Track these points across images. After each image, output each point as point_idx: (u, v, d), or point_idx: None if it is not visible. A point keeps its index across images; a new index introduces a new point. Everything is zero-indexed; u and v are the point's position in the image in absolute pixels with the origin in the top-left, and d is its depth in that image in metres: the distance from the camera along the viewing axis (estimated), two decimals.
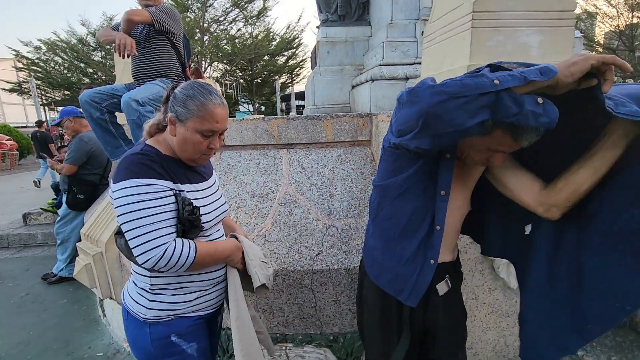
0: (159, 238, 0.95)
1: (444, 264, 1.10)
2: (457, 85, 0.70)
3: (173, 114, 1.02)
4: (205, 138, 1.03)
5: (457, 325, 1.14)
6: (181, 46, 2.55)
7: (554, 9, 1.60)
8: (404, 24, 4.19)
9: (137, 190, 0.94)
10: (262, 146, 2.31)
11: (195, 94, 1.01)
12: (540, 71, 0.70)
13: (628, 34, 16.06)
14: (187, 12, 16.42)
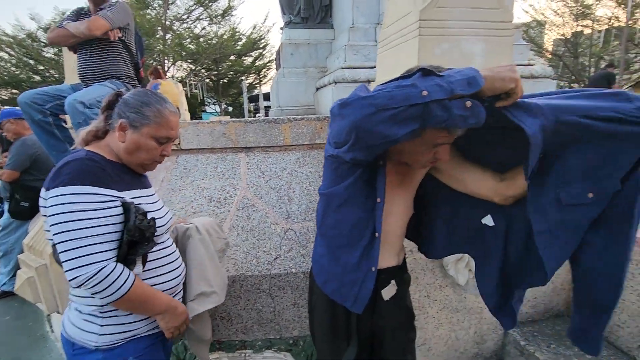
0: (96, 254, 0.87)
1: (389, 269, 1.12)
2: (385, 97, 0.71)
3: (125, 120, 0.99)
4: (159, 144, 1.03)
5: (403, 327, 1.17)
6: (133, 44, 2.44)
7: (494, 20, 1.70)
8: (365, 28, 4.27)
9: (77, 199, 0.87)
10: (220, 150, 2.27)
11: (151, 100, 1.01)
12: (468, 82, 0.73)
13: (573, 41, 17.36)
14: (147, 9, 15.76)
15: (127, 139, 1.00)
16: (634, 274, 1.66)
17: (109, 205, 0.91)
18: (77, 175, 0.88)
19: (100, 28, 2.10)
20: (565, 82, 18.92)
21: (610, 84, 6.20)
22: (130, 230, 0.91)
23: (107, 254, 0.89)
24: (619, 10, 15.85)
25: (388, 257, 1.12)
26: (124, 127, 1.00)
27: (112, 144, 1.02)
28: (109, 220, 0.90)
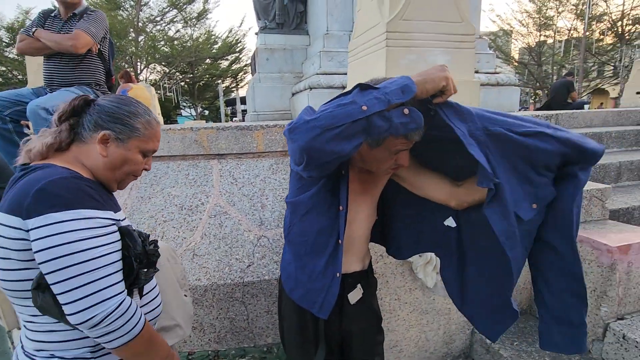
0: (113, 287, 0.75)
1: (355, 274, 1.16)
2: (328, 118, 0.75)
3: (109, 131, 0.87)
4: (144, 158, 0.95)
5: (371, 330, 1.21)
6: (107, 50, 2.38)
7: (457, 33, 1.78)
8: (339, 35, 4.35)
9: (81, 225, 0.73)
10: (192, 157, 2.24)
11: (139, 110, 0.92)
12: (402, 90, 0.77)
13: (537, 50, 18.31)
14: (118, 10, 15.31)
15: (110, 153, 0.88)
16: (587, 272, 1.78)
17: (111, 230, 0.80)
18: (76, 197, 0.75)
19: (86, 46, 2.09)
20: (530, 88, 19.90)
21: (570, 91, 6.57)
22: (140, 257, 0.82)
23: (121, 285, 0.78)
24: (577, 21, 16.89)
25: (354, 262, 1.16)
26: (106, 139, 0.87)
27: (83, 159, 0.88)
28: (116, 247, 0.80)
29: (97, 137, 0.87)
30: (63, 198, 0.73)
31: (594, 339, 1.75)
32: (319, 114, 0.77)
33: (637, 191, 2.69)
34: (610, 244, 1.67)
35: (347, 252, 1.10)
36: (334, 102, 0.79)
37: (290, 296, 1.15)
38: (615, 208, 2.29)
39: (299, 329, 1.17)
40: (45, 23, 2.20)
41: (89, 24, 2.10)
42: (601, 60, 17.50)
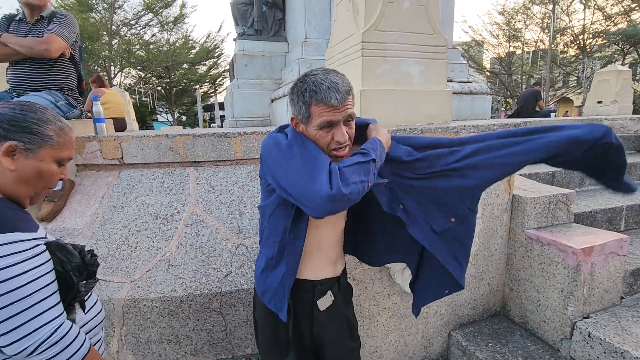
0: (46, 313, 0.71)
1: (325, 280, 1.17)
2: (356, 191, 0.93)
3: (15, 142, 0.79)
4: (60, 167, 0.88)
5: (343, 337, 1.21)
6: (78, 55, 2.31)
7: (429, 44, 1.85)
8: (318, 42, 4.39)
9: (3, 252, 0.69)
10: (167, 164, 2.19)
11: (47, 117, 0.85)
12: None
13: (507, 60, 19.17)
14: (91, 12, 14.84)
15: (20, 166, 0.81)
16: (554, 274, 1.86)
17: (37, 251, 0.75)
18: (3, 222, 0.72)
19: (60, 50, 2.03)
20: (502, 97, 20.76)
21: (538, 100, 6.91)
22: (79, 269, 0.79)
23: (57, 309, 0.74)
24: (543, 34, 17.84)
25: (324, 267, 1.17)
26: (12, 151, 0.80)
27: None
28: (45, 269, 0.75)
29: (1, 150, 0.79)
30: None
31: (562, 338, 1.83)
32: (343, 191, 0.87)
33: (599, 195, 2.85)
34: (575, 246, 1.76)
35: (315, 255, 1.13)
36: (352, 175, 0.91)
37: (262, 300, 1.16)
38: (579, 212, 2.42)
39: (271, 334, 1.18)
40: (9, 27, 2.11)
41: (62, 28, 2.04)
42: (566, 71, 18.54)
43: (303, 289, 1.15)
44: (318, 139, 0.98)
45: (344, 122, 0.97)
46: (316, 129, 0.97)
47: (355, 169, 0.90)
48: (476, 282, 2.12)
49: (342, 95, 0.94)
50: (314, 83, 0.94)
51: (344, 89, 0.94)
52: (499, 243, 2.13)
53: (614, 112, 5.52)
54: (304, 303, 1.16)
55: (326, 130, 0.97)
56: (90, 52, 14.11)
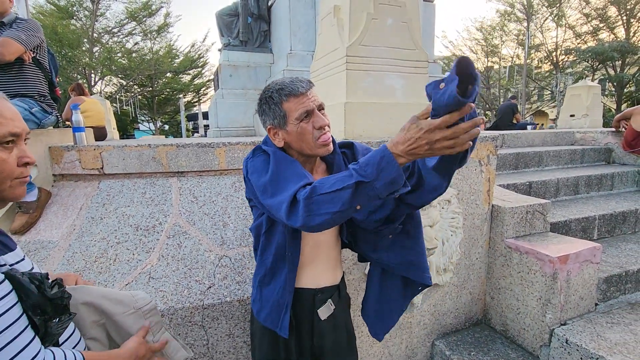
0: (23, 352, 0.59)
1: (325, 289, 1.17)
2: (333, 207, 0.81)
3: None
4: (6, 150, 0.68)
5: (343, 348, 1.20)
6: (46, 61, 2.27)
7: (411, 59, 1.91)
8: (302, 54, 4.45)
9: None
10: (149, 174, 2.15)
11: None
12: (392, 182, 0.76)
13: (485, 74, 19.89)
14: (71, 19, 14.57)
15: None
16: (533, 282, 1.92)
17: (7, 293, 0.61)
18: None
19: (15, 53, 1.97)
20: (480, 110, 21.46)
21: (515, 113, 7.19)
22: (39, 306, 0.65)
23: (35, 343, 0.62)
24: (519, 50, 18.63)
25: (323, 275, 1.17)
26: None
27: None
28: (9, 302, 0.61)
29: None
30: None
31: (541, 345, 1.87)
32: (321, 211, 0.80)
33: (573, 205, 2.96)
34: (552, 254, 1.82)
35: (315, 261, 1.12)
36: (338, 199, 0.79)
37: (257, 318, 1.15)
38: (555, 221, 2.51)
39: (269, 348, 1.16)
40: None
41: (18, 32, 2.01)
42: (540, 85, 19.37)
43: (304, 298, 1.14)
44: (302, 133, 0.98)
45: (318, 109, 1.00)
46: (296, 124, 0.97)
47: (331, 197, 0.78)
48: (458, 291, 2.15)
49: (306, 83, 0.98)
50: (276, 84, 1.00)
51: (305, 80, 0.99)
52: (480, 252, 2.18)
53: (585, 125, 5.78)
54: (305, 313, 1.15)
55: (305, 121, 0.98)
56: (70, 59, 13.80)
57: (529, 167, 3.55)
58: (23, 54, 2.04)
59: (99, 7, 15.05)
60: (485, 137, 2.10)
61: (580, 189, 3.23)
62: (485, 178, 2.11)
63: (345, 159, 1.15)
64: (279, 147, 1.03)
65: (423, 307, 2.03)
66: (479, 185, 2.10)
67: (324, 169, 1.15)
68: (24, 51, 2.03)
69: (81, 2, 14.71)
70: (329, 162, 1.13)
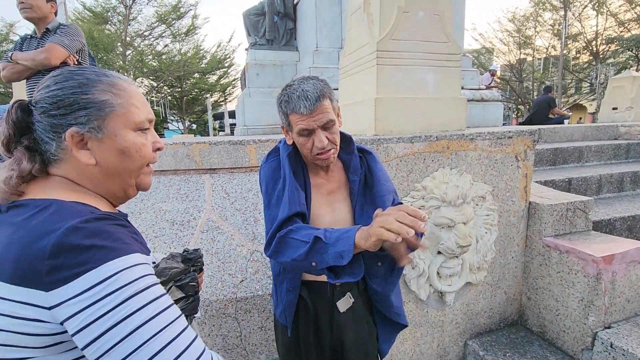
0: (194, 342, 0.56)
1: (344, 282, 1.15)
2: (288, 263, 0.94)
3: (77, 127, 0.59)
4: (144, 135, 0.67)
5: (363, 341, 1.20)
6: (87, 63, 2.40)
7: (443, 52, 1.86)
8: (329, 51, 4.45)
9: (137, 274, 0.53)
10: (183, 171, 2.23)
11: (89, 75, 0.61)
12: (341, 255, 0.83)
13: (517, 67, 19.03)
14: (106, 24, 15.30)
15: (100, 156, 0.62)
16: (574, 282, 1.83)
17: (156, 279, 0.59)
18: (114, 243, 0.53)
19: (60, 57, 2.10)
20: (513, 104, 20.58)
21: (551, 107, 6.83)
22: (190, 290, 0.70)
23: (199, 341, 0.58)
24: (554, 41, 17.68)
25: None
26: (81, 139, 0.60)
27: (78, 179, 0.63)
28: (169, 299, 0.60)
29: (71, 144, 0.60)
30: (97, 248, 0.51)
31: (583, 348, 1.79)
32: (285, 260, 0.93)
33: (618, 203, 2.79)
34: (595, 254, 1.73)
35: None
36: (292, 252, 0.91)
37: (274, 313, 1.20)
38: (597, 219, 2.38)
39: (290, 339, 1.19)
40: (22, 46, 2.22)
41: (62, 37, 2.13)
42: (578, 77, 18.30)
43: (322, 291, 1.16)
44: (301, 145, 1.02)
45: (322, 128, 0.98)
46: (297, 136, 1.01)
47: (297, 245, 0.90)
48: (493, 290, 2.09)
49: (312, 102, 0.94)
50: (288, 93, 0.98)
51: (314, 96, 0.95)
52: (516, 251, 2.10)
53: (630, 119, 5.42)
54: (324, 305, 1.16)
55: (305, 138, 0.99)
56: (105, 62, 14.49)
57: (567, 163, 3.38)
58: (67, 58, 2.17)
59: (131, 11, 15.70)
60: (523, 131, 2.01)
61: (626, 186, 3.04)
62: (522, 174, 2.03)
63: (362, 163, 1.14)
64: (290, 144, 1.09)
65: (455, 306, 1.99)
66: (515, 182, 2.02)
67: (340, 167, 1.15)
68: (68, 55, 2.15)
69: (115, 8, 15.41)
70: (346, 162, 1.13)
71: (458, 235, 1.70)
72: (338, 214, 1.13)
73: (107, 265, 0.50)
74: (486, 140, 1.88)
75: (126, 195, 0.69)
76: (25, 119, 0.60)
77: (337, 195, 1.15)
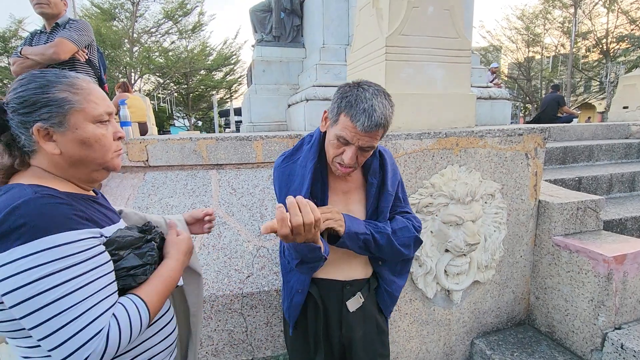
0: (95, 321, 0.64)
1: (355, 281, 1.16)
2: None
3: (42, 123, 0.69)
4: (103, 126, 0.77)
5: (372, 340, 1.20)
6: (96, 59, 2.40)
7: (453, 48, 1.83)
8: (335, 48, 4.42)
9: (50, 256, 0.61)
10: (190, 167, 2.23)
11: (50, 78, 0.72)
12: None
13: (526, 65, 18.80)
14: (113, 20, 15.37)
15: (63, 146, 0.72)
16: (584, 282, 1.80)
17: (94, 252, 0.68)
18: (44, 222, 0.62)
19: (69, 52, 2.11)
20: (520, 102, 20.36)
21: (560, 105, 6.74)
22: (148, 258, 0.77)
23: (105, 316, 0.66)
24: (564, 38, 17.43)
25: (353, 268, 1.17)
26: (44, 133, 0.70)
27: (48, 167, 0.74)
28: (103, 270, 0.69)
29: (37, 138, 0.70)
30: (28, 226, 0.61)
31: (592, 349, 1.76)
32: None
33: (629, 202, 2.75)
34: (606, 254, 1.70)
35: (345, 255, 1.12)
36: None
37: (282, 307, 1.21)
38: (608, 219, 2.34)
39: (299, 334, 1.20)
40: (32, 41, 2.24)
41: (71, 32, 2.14)
42: (588, 76, 18.03)
43: (332, 290, 1.15)
44: (330, 145, 1.01)
45: (360, 147, 0.96)
46: (334, 137, 0.98)
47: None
48: (500, 290, 2.06)
49: (371, 125, 0.91)
50: (357, 97, 0.92)
51: (376, 120, 0.91)
52: (525, 250, 2.07)
53: None
54: (333, 303, 1.16)
55: (338, 143, 0.98)
56: (112, 59, 14.57)
57: (577, 162, 3.33)
58: (76, 53, 2.18)
59: (138, 8, 15.76)
60: (533, 128, 1.98)
61: (637, 186, 2.99)
62: (532, 172, 2.00)
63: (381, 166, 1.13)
64: (323, 131, 1.07)
65: (462, 305, 1.97)
66: (525, 180, 1.99)
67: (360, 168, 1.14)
68: (77, 50, 2.16)
69: (122, 4, 15.48)
70: (367, 163, 1.12)
71: (466, 233, 1.68)
72: (352, 214, 1.12)
73: (32, 244, 0.60)
74: (496, 137, 1.86)
75: (92, 178, 0.80)
76: (2, 117, 0.71)
77: (354, 195, 1.14)
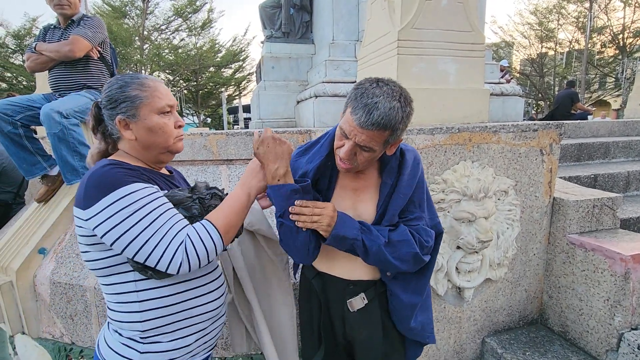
0: (176, 225, 0.85)
1: (360, 282, 1.13)
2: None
3: (121, 115, 0.92)
4: (166, 116, 0.97)
5: (376, 344, 1.15)
6: (109, 55, 2.42)
7: (467, 42, 1.80)
8: (345, 44, 4.39)
9: (132, 198, 0.82)
10: (201, 162, 2.25)
11: (126, 80, 0.94)
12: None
13: (538, 61, 18.44)
14: (124, 18, 15.52)
15: (137, 133, 0.94)
16: (600, 281, 1.76)
17: (159, 194, 0.88)
18: (116, 180, 0.83)
19: (84, 50, 2.14)
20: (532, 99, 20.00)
21: (574, 102, 6.59)
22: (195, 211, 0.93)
23: (183, 222, 0.88)
24: (578, 34, 17.03)
25: (359, 269, 1.13)
26: (124, 123, 0.93)
27: (128, 150, 0.97)
28: (169, 206, 0.88)
29: (119, 127, 0.93)
30: (101, 186, 0.82)
31: (607, 350, 1.73)
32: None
33: None
34: (624, 252, 1.66)
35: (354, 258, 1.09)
36: None
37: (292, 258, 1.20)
38: (625, 217, 2.28)
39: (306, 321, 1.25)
40: (46, 36, 2.26)
41: (86, 29, 2.16)
42: (603, 72, 17.60)
43: (335, 287, 1.14)
44: (335, 138, 1.02)
45: (357, 145, 0.93)
46: (339, 128, 0.98)
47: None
48: (512, 288, 2.03)
49: (367, 122, 0.88)
50: (365, 91, 0.90)
51: (374, 119, 0.87)
52: (538, 248, 2.04)
53: None
54: (336, 301, 1.15)
55: (340, 136, 0.97)
56: (123, 56, 14.73)
57: (593, 159, 3.26)
58: (90, 51, 2.20)
59: (148, 5, 15.88)
60: (549, 124, 1.94)
61: None
62: (547, 169, 1.96)
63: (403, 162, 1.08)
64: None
65: (474, 303, 1.95)
66: (539, 176, 1.95)
67: (376, 166, 1.11)
68: (91, 47, 2.18)
69: (133, 2, 15.62)
70: (384, 161, 1.08)
71: (479, 230, 1.66)
72: (360, 213, 1.10)
73: (110, 195, 0.81)
74: (510, 132, 1.82)
75: (160, 159, 1.02)
76: (99, 112, 0.97)
77: (365, 194, 1.11)
